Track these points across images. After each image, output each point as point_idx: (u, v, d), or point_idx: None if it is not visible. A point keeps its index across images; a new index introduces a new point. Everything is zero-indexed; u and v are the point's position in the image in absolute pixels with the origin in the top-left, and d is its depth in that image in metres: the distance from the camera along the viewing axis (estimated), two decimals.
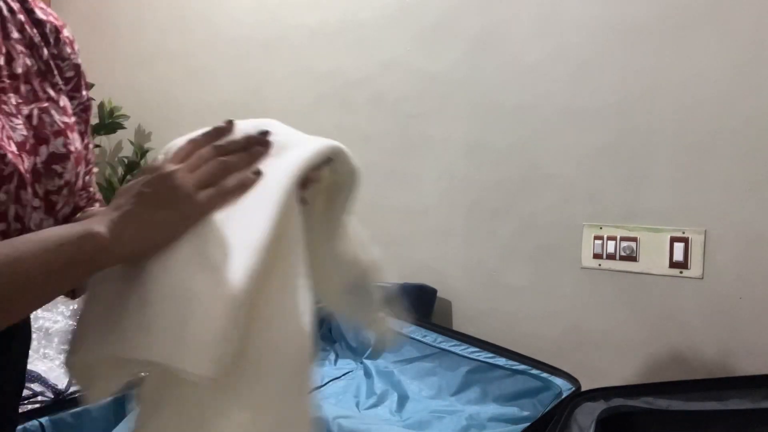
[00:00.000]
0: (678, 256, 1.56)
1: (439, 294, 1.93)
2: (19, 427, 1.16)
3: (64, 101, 0.69)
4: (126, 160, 2.59)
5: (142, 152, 2.58)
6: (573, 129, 1.70)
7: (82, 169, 0.68)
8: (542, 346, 1.75)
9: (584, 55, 1.68)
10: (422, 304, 1.86)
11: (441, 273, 1.94)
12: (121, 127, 2.61)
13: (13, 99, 0.63)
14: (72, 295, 0.67)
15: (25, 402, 1.22)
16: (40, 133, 0.63)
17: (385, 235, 2.03)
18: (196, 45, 2.49)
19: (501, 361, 1.57)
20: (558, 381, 1.48)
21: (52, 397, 1.23)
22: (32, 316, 0.70)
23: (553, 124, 1.73)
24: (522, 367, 1.54)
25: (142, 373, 0.57)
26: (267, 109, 2.29)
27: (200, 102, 2.46)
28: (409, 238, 2.00)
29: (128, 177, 2.53)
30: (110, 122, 2.59)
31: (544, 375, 1.51)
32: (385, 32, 2.02)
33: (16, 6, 0.66)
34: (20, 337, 0.69)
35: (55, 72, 0.69)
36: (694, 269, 1.54)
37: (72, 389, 1.26)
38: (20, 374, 0.71)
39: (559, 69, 1.71)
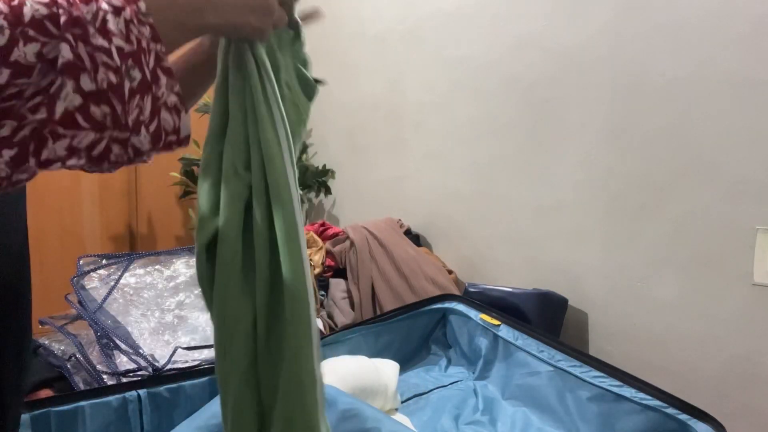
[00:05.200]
0: None
1: (574, 304, 1.67)
2: (120, 395, 1.27)
3: None
4: None
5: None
6: (744, 105, 1.32)
7: None
8: (695, 378, 1.41)
9: (762, 8, 1.29)
10: (548, 314, 1.62)
11: (575, 279, 1.67)
12: None
13: None
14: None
15: (130, 374, 1.33)
16: None
17: (513, 233, 1.82)
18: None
19: (628, 391, 1.28)
20: (700, 427, 1.16)
21: (151, 372, 1.31)
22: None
23: (719, 100, 1.36)
24: (655, 403, 1.24)
25: None
26: (404, 103, 2.23)
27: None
28: (540, 238, 1.76)
29: None
30: None
31: (683, 417, 1.19)
32: (520, 7, 1.80)
33: None
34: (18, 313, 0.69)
35: None
36: None
37: (169, 366, 1.34)
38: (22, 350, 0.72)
39: (729, 29, 1.34)
